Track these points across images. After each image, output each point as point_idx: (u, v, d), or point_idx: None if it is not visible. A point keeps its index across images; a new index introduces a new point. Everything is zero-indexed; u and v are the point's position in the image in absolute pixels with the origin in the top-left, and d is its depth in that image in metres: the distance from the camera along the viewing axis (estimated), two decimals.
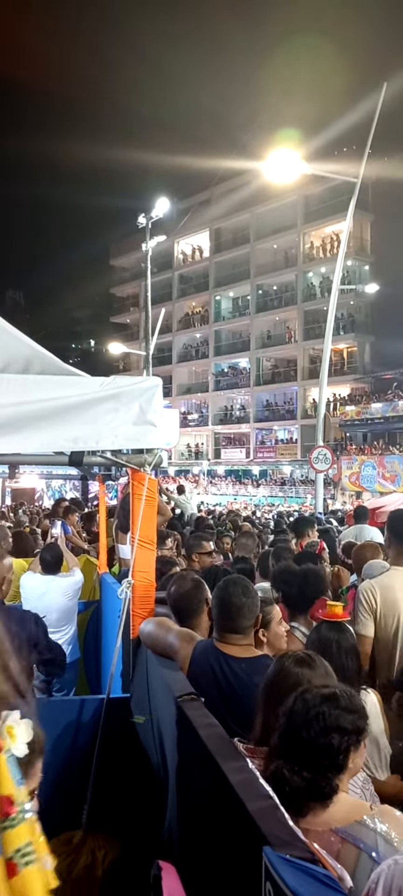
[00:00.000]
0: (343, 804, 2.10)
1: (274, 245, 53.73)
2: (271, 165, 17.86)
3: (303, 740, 2.09)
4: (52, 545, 6.57)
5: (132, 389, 3.61)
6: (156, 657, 3.43)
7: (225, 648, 3.35)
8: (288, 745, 2.12)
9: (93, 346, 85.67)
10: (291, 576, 4.51)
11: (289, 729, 2.14)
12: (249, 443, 54.68)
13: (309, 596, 4.33)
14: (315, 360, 47.30)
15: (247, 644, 3.39)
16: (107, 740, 3.48)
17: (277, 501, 39.21)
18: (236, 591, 3.46)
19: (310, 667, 2.59)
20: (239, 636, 3.38)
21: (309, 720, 2.11)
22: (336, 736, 2.10)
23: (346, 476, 39.29)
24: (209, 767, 2.22)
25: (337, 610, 3.38)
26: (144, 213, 27.33)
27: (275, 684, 2.59)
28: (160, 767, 3.15)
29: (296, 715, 2.14)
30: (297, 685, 2.43)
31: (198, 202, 56.93)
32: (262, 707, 2.63)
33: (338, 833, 2.02)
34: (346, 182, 21.71)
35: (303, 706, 2.15)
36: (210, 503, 33.55)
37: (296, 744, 2.10)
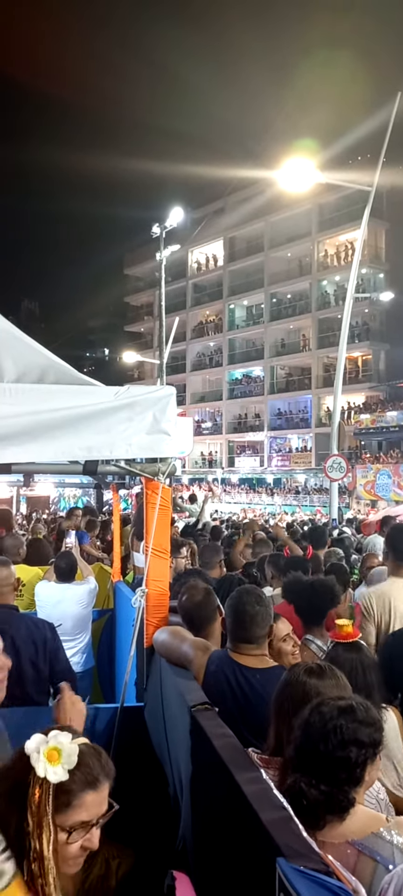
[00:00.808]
0: (360, 816, 2.09)
1: (288, 253, 53.71)
2: (285, 174, 17.86)
3: (321, 753, 2.07)
4: (66, 553, 6.58)
5: (146, 399, 3.62)
6: (169, 666, 3.43)
7: (240, 659, 3.35)
8: (305, 758, 2.10)
9: (107, 354, 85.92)
10: (301, 587, 4.49)
11: (306, 742, 2.12)
12: (263, 451, 54.59)
13: (319, 607, 4.31)
14: (329, 369, 47.16)
15: (261, 654, 3.39)
16: (121, 749, 3.48)
17: (291, 510, 39.07)
18: (249, 601, 3.46)
19: (321, 678, 2.58)
20: (252, 646, 3.37)
21: (327, 733, 2.09)
22: (353, 749, 2.08)
23: (361, 485, 39.11)
24: (223, 777, 2.21)
25: (348, 629, 3.35)
26: (158, 222, 27.42)
27: (287, 695, 2.58)
28: (174, 777, 3.15)
29: (313, 728, 2.12)
30: (309, 696, 2.42)
31: (212, 211, 57.05)
32: (275, 718, 2.62)
33: (355, 845, 2.01)
34: (361, 191, 21.67)
35: (320, 719, 2.13)
36: (224, 511, 33.49)
37: (314, 757, 2.08)
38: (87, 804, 1.95)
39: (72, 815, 1.92)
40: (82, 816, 1.94)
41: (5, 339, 3.68)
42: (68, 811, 1.91)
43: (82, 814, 1.94)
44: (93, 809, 1.97)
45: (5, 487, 22.93)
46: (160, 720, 3.48)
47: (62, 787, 1.89)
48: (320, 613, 4.32)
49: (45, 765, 1.87)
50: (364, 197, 19.27)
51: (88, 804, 1.95)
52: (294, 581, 4.66)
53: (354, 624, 3.50)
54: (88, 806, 1.95)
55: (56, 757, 1.89)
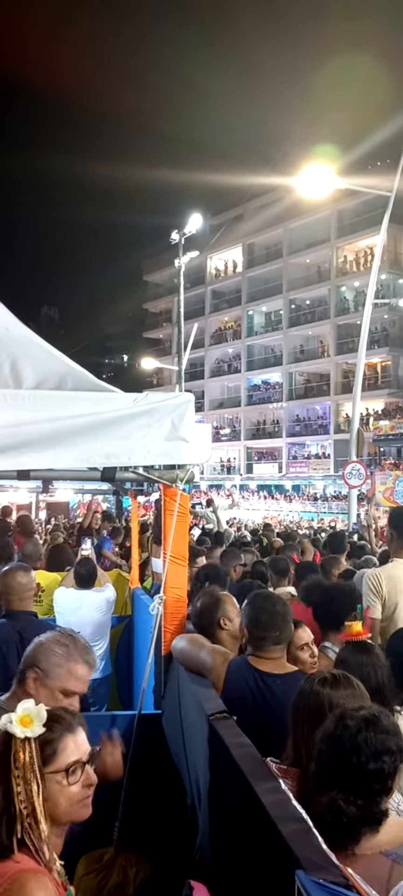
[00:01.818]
0: (390, 826, 2.07)
1: (307, 259, 53.62)
2: (304, 181, 17.83)
3: (354, 767, 2.04)
4: (87, 559, 6.60)
5: (164, 405, 3.62)
6: (187, 674, 3.42)
7: (259, 664, 3.34)
8: (337, 774, 2.06)
9: (126, 361, 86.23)
10: (320, 591, 4.45)
11: (337, 757, 2.08)
12: (281, 457, 54.46)
13: (338, 613, 4.27)
14: (348, 375, 47.01)
15: (280, 657, 3.37)
16: (139, 757, 3.47)
17: (310, 517, 38.90)
18: (266, 604, 3.46)
19: (337, 687, 2.55)
20: (272, 650, 3.35)
21: (357, 745, 2.05)
22: (386, 759, 2.05)
23: (380, 491, 38.86)
24: (241, 787, 2.19)
25: (357, 628, 3.33)
26: (177, 229, 27.49)
27: (304, 705, 2.56)
28: (192, 785, 3.13)
29: (342, 741, 2.08)
30: (324, 707, 2.40)
31: (230, 218, 57.09)
32: (292, 728, 2.60)
33: (389, 855, 2.00)
34: (380, 196, 21.60)
35: (348, 732, 2.09)
36: (242, 518, 33.43)
37: (347, 772, 2.04)
38: (72, 746, 2.14)
39: (62, 758, 2.10)
40: (72, 756, 2.13)
41: (24, 345, 3.70)
42: (57, 757, 2.09)
43: (71, 755, 2.13)
44: (80, 749, 2.16)
45: (25, 493, 23.02)
46: (178, 728, 3.47)
47: (44, 740, 2.07)
48: (338, 619, 4.28)
49: (22, 728, 2.04)
50: (384, 202, 19.18)
51: (73, 746, 2.14)
52: (313, 585, 4.63)
53: (364, 625, 3.47)
54: (73, 748, 2.14)
55: (28, 720, 2.06)
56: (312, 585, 4.65)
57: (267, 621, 3.39)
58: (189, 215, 27.81)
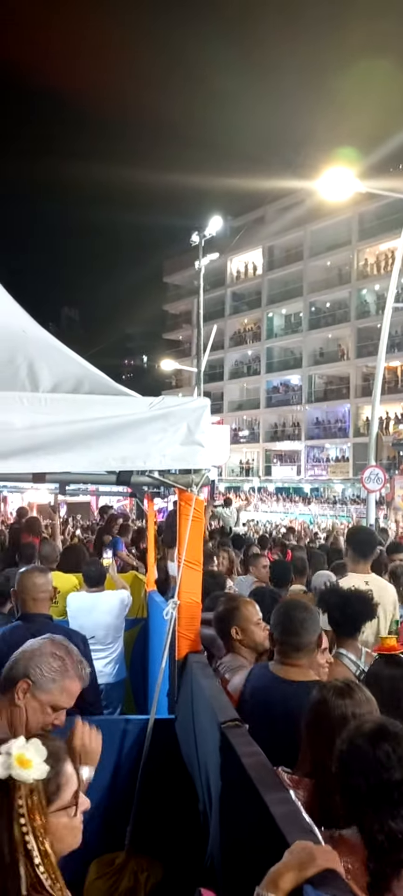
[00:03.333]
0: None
1: (328, 262, 53.44)
2: (325, 183, 17.76)
3: (385, 783, 1.99)
4: (94, 560, 6.61)
5: (180, 410, 3.61)
6: (201, 679, 3.41)
7: (279, 670, 3.33)
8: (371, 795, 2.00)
9: (145, 362, 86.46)
10: (337, 597, 4.41)
11: (367, 778, 2.02)
12: (300, 460, 54.31)
13: (354, 619, 4.23)
14: (368, 378, 46.73)
15: (300, 664, 3.33)
16: (152, 761, 3.47)
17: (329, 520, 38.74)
18: (288, 611, 3.45)
19: (351, 696, 2.54)
20: (291, 657, 3.34)
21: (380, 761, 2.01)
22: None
23: (399, 495, 38.63)
24: (251, 797, 2.18)
25: (391, 642, 3.30)
26: (198, 231, 27.49)
27: (319, 717, 2.55)
28: (203, 792, 3.13)
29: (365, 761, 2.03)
30: (340, 717, 2.38)
31: (251, 220, 57.01)
32: (306, 739, 2.58)
33: None
34: (402, 199, 21.45)
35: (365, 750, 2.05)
36: (260, 520, 33.34)
37: (381, 789, 1.99)
38: (70, 775, 2.02)
39: (66, 792, 1.98)
40: (73, 787, 2.01)
41: (42, 348, 3.72)
42: (61, 792, 1.96)
43: (72, 785, 2.01)
44: (73, 776, 2.03)
45: (46, 493, 23.14)
46: (190, 734, 3.47)
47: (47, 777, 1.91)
48: (354, 626, 4.24)
49: (27, 771, 1.84)
50: None
51: (70, 773, 2.02)
52: (330, 591, 4.58)
53: (399, 639, 3.43)
54: (71, 775, 2.02)
55: (27, 760, 1.86)
56: (330, 591, 4.60)
57: (286, 627, 3.38)
58: (209, 217, 27.83)
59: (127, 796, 3.41)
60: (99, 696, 4.52)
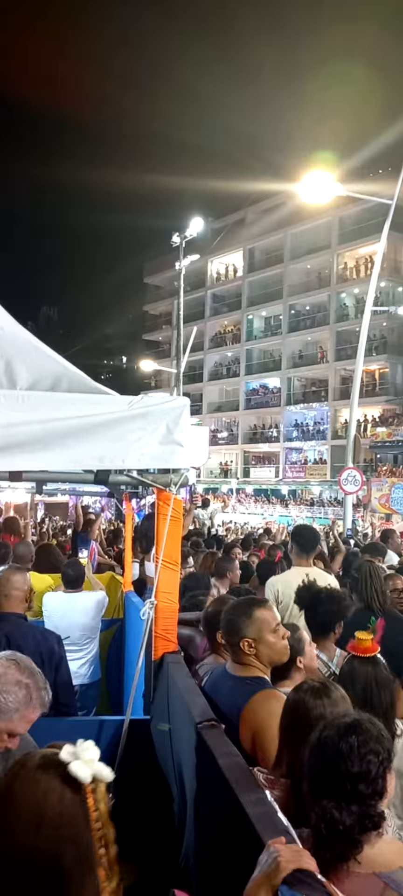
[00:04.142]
0: (389, 848, 2.05)
1: (308, 265, 53.65)
2: (305, 187, 17.84)
3: (340, 773, 2.02)
4: (74, 561, 6.57)
5: (159, 409, 3.60)
6: (177, 680, 3.40)
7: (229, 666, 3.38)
8: (325, 784, 2.04)
9: (125, 362, 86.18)
10: (311, 595, 4.42)
11: (323, 766, 2.06)
12: (279, 462, 54.46)
13: (327, 618, 4.25)
14: (346, 381, 46.98)
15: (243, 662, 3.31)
16: (126, 762, 3.45)
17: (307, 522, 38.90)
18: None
19: (328, 696, 2.55)
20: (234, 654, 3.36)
21: (341, 752, 2.04)
22: (372, 759, 2.03)
23: (376, 498, 38.87)
24: (227, 797, 2.18)
25: (366, 644, 3.30)
26: (178, 232, 27.49)
27: (295, 717, 2.54)
28: (179, 793, 3.12)
29: (325, 751, 2.07)
30: (318, 717, 2.38)
31: (232, 222, 57.05)
32: (282, 738, 2.58)
33: (382, 878, 1.96)
34: (381, 203, 21.60)
35: (330, 740, 2.08)
36: (238, 522, 33.38)
37: (335, 779, 2.02)
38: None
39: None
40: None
41: (19, 345, 3.68)
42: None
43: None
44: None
45: (23, 493, 22.99)
46: (166, 734, 3.45)
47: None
48: (326, 626, 4.25)
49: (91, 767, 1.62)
50: (385, 210, 19.18)
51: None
52: (305, 589, 4.59)
53: (374, 639, 3.43)
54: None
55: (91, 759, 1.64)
56: (305, 589, 4.61)
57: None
58: (190, 218, 27.83)
59: None
60: (73, 697, 4.49)
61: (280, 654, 3.34)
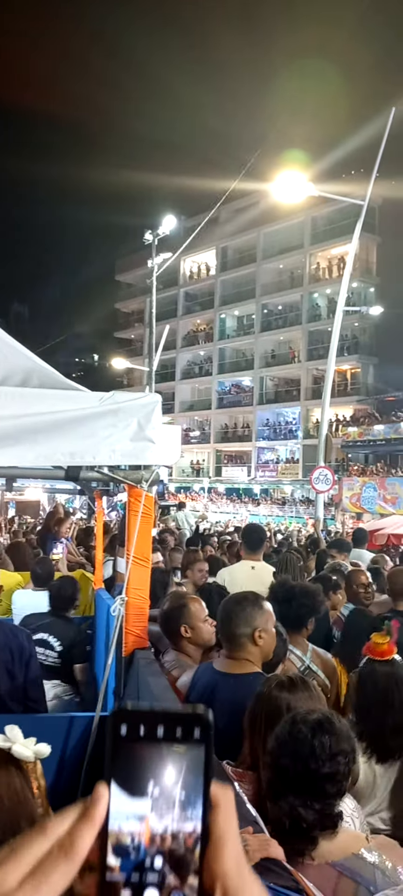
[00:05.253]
0: (341, 836, 2.06)
1: (280, 265, 53.90)
2: (278, 186, 17.94)
3: (311, 772, 2.02)
4: (43, 559, 6.54)
5: (131, 405, 3.60)
6: (147, 676, 3.40)
7: (220, 665, 3.34)
8: (294, 780, 2.04)
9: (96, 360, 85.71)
10: (286, 591, 4.44)
11: (294, 762, 2.06)
12: (251, 461, 54.62)
13: (301, 614, 4.27)
14: (318, 381, 47.30)
15: (239, 657, 3.33)
16: (97, 760, 3.44)
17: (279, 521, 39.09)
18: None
19: (295, 690, 2.55)
20: (229, 650, 3.36)
21: (313, 750, 2.04)
22: (341, 760, 2.05)
23: (347, 497, 39.21)
24: None
25: (383, 647, 3.32)
26: (151, 229, 27.45)
27: (261, 710, 2.55)
28: None
29: (297, 746, 2.07)
30: (283, 710, 2.39)
31: (205, 220, 57.07)
32: (248, 731, 2.59)
33: (335, 867, 1.98)
34: (353, 204, 21.79)
35: (302, 736, 2.08)
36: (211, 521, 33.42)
37: (304, 777, 2.03)
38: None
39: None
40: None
41: None
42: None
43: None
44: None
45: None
46: None
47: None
48: (300, 621, 4.28)
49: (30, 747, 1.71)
50: (357, 210, 19.35)
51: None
52: (280, 584, 4.61)
53: (391, 641, 3.43)
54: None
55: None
56: (280, 584, 4.64)
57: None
58: (163, 216, 27.82)
59: (71, 795, 3.37)
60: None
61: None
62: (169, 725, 0.64)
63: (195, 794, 0.63)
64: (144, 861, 0.62)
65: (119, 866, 0.62)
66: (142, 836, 0.63)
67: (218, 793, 0.64)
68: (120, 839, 0.63)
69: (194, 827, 0.63)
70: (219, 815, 0.63)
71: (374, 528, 16.12)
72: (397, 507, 34.84)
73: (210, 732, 0.64)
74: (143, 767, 0.64)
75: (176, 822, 0.63)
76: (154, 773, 0.63)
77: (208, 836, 0.63)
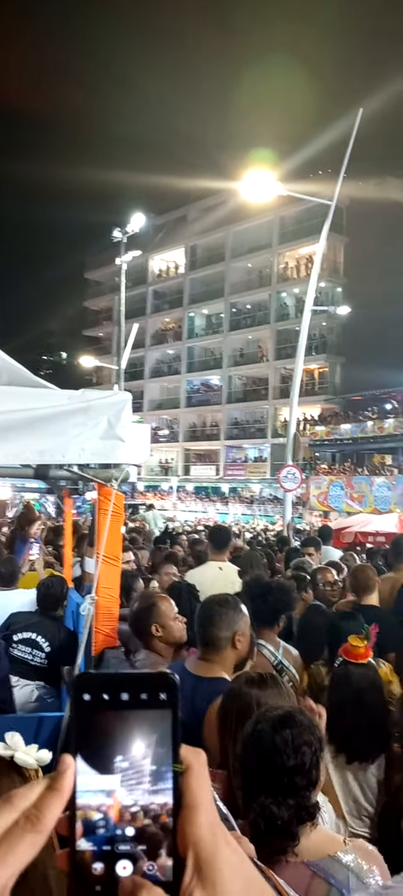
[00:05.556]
0: (318, 837, 2.06)
1: (249, 264, 54.04)
2: (247, 185, 17.99)
3: (277, 768, 2.02)
4: (8, 558, 6.47)
5: (101, 404, 3.58)
6: None
7: (191, 665, 3.33)
8: (262, 779, 2.04)
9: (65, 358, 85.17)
10: (261, 587, 4.46)
11: (259, 762, 2.06)
12: (219, 460, 54.69)
13: (275, 610, 4.29)
14: (286, 380, 47.53)
15: (212, 661, 3.31)
16: None
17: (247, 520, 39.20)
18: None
19: (265, 687, 2.55)
20: (204, 652, 3.34)
21: (276, 746, 2.04)
22: (306, 750, 2.04)
23: (314, 496, 39.47)
24: None
25: (360, 650, 3.33)
26: (120, 227, 27.33)
27: (231, 707, 2.55)
28: None
29: (260, 746, 2.07)
30: (253, 708, 2.39)
31: (174, 219, 57.07)
32: (220, 730, 2.59)
33: (310, 866, 1.98)
34: (321, 204, 21.90)
35: (264, 734, 2.08)
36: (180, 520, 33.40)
37: (271, 774, 2.03)
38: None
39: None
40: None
41: None
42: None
43: None
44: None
45: None
46: None
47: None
48: (274, 616, 4.30)
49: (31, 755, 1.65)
50: (325, 210, 19.46)
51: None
52: (254, 580, 4.63)
53: (367, 645, 3.43)
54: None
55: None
56: (254, 580, 4.65)
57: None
58: (132, 214, 27.70)
59: None
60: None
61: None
62: (133, 690, 0.63)
63: (165, 766, 0.62)
64: (115, 834, 0.61)
65: (89, 840, 0.61)
66: (112, 810, 0.61)
67: (190, 756, 0.63)
68: (88, 814, 0.61)
69: (165, 799, 0.61)
70: (192, 778, 0.62)
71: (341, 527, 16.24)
72: (363, 505, 35.15)
73: (176, 694, 0.63)
74: (110, 739, 0.62)
75: (146, 795, 0.62)
76: (121, 745, 0.62)
77: (180, 802, 0.61)
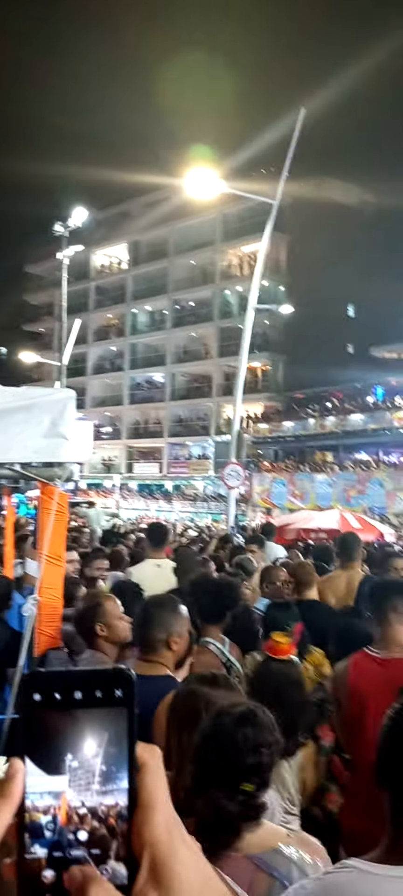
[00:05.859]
0: (261, 830, 2.04)
1: (192, 261, 54.14)
2: (191, 182, 18.01)
3: (233, 763, 2.00)
4: None
5: (43, 401, 3.53)
6: None
7: (132, 666, 3.30)
8: (216, 772, 2.01)
9: (3, 354, 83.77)
10: (206, 584, 4.47)
11: (216, 755, 2.03)
12: (163, 457, 54.67)
13: (221, 606, 4.31)
14: (229, 377, 47.72)
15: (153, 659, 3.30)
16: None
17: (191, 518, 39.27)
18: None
19: (216, 688, 2.55)
20: (143, 651, 3.34)
21: (236, 742, 2.02)
22: (264, 751, 2.04)
23: (257, 493, 39.82)
24: None
25: (283, 646, 3.33)
26: (62, 221, 27.01)
27: (181, 706, 2.53)
28: None
29: (219, 739, 2.05)
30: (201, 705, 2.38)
31: (116, 214, 56.72)
32: (167, 728, 2.57)
33: (253, 860, 1.96)
34: (264, 203, 22.06)
35: (225, 728, 2.06)
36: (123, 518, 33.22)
37: (227, 769, 2.01)
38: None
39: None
40: None
41: None
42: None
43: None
44: None
45: None
46: None
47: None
48: (221, 613, 4.31)
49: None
50: (268, 209, 19.61)
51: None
52: (200, 577, 4.64)
53: (291, 641, 3.44)
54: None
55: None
56: (199, 577, 4.66)
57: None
58: (74, 208, 27.40)
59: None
60: None
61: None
62: (87, 688, 0.60)
63: (117, 766, 0.60)
64: (64, 838, 0.59)
65: (38, 845, 0.59)
66: (60, 812, 0.59)
67: (145, 754, 0.61)
68: (35, 818, 0.59)
69: (116, 800, 0.59)
70: (147, 776, 0.60)
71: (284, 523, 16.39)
72: (305, 502, 35.61)
73: (133, 690, 0.61)
74: (60, 738, 0.60)
75: (95, 796, 0.59)
76: (72, 744, 0.59)
77: (136, 801, 0.59)
